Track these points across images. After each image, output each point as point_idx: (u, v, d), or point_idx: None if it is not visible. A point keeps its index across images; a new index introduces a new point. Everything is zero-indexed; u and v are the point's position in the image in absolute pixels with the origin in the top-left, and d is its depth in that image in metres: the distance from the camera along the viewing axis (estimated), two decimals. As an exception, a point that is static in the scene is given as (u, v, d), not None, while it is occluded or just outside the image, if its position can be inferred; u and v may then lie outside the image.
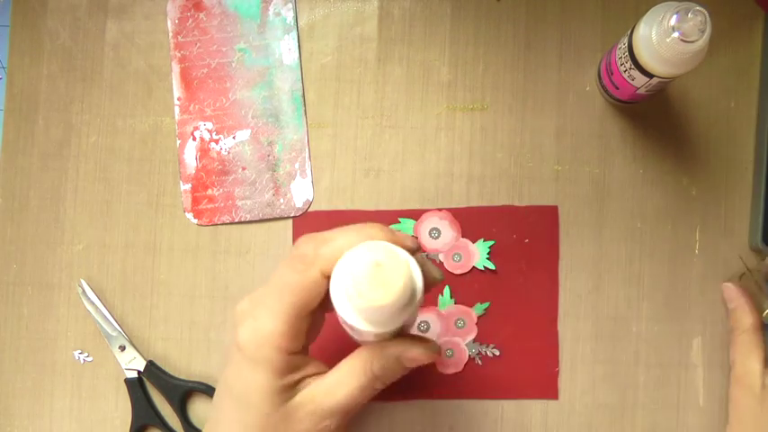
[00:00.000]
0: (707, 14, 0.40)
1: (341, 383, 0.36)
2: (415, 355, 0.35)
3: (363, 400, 0.37)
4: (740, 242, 0.53)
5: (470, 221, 0.53)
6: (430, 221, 0.53)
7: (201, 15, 0.54)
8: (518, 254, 0.53)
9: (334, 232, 0.35)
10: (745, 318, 0.49)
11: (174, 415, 0.52)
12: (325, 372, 0.38)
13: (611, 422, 0.52)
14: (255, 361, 0.35)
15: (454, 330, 0.52)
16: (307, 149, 0.54)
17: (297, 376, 0.36)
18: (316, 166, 0.54)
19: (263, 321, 0.35)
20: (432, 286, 0.37)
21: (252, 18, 0.54)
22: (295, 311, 0.35)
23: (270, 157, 0.53)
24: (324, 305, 0.36)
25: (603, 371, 0.52)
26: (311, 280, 0.35)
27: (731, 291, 0.51)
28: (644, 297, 0.53)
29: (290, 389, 0.36)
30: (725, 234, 0.53)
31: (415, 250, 0.36)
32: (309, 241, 0.35)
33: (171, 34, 0.54)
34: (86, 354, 0.53)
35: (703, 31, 0.41)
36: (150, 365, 0.52)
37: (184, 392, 0.52)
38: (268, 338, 0.35)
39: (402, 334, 0.37)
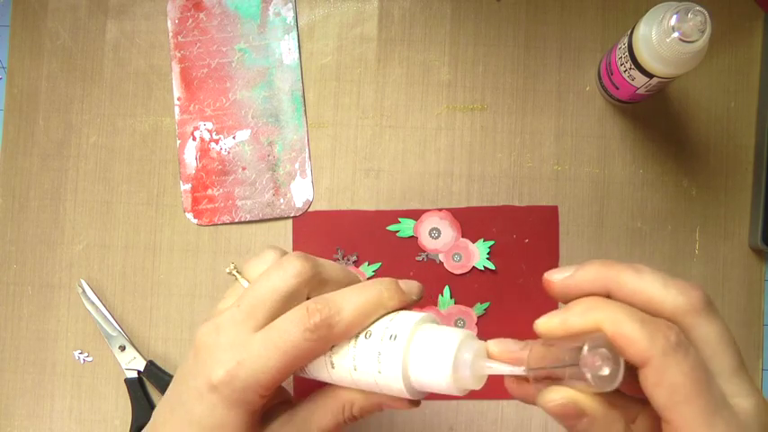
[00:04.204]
0: (707, 14, 0.40)
1: (316, 421, 0.35)
2: (398, 406, 0.35)
3: None
4: (740, 242, 0.53)
5: (470, 221, 0.53)
6: (430, 221, 0.53)
7: (201, 15, 0.54)
8: (518, 254, 0.53)
9: (344, 295, 0.34)
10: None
11: (174, 415, 0.52)
12: (289, 399, 0.37)
13: (611, 422, 0.52)
14: (234, 402, 0.33)
15: (454, 330, 0.52)
16: (307, 149, 0.54)
17: (267, 406, 0.36)
18: (316, 166, 0.54)
19: (253, 372, 0.33)
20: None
21: (252, 18, 0.54)
22: (292, 371, 0.34)
23: (270, 157, 0.53)
24: None
25: (603, 371, 0.52)
26: (321, 351, 0.34)
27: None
28: (644, 297, 0.53)
29: (261, 421, 0.35)
30: (725, 234, 0.53)
31: (421, 297, 0.37)
32: (319, 302, 0.34)
33: (171, 34, 0.54)
34: (86, 354, 0.53)
35: (703, 32, 0.41)
36: (150, 365, 0.52)
37: (184, 392, 0.52)
38: (254, 387, 0.33)
39: None
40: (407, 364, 0.32)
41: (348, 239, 0.53)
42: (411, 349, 0.32)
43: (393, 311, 0.34)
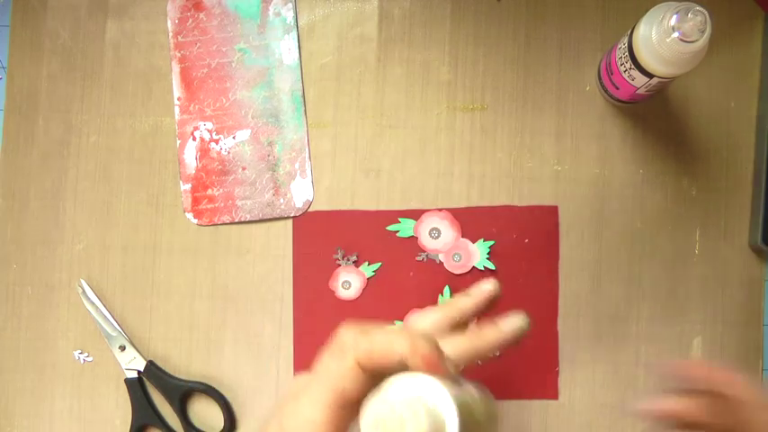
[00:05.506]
0: (707, 14, 0.40)
1: None
2: None
3: None
4: (740, 242, 0.53)
5: (470, 221, 0.53)
6: (430, 221, 0.53)
7: (201, 15, 0.54)
8: (518, 254, 0.53)
9: (377, 327, 0.35)
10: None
11: (174, 415, 0.52)
12: None
13: (611, 422, 0.52)
14: None
15: (454, 330, 0.52)
16: (307, 149, 0.54)
17: None
18: (316, 166, 0.54)
19: (305, 407, 0.34)
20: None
21: (252, 18, 0.54)
22: (335, 400, 0.34)
23: (270, 157, 0.53)
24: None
25: (603, 371, 0.52)
26: (348, 367, 0.34)
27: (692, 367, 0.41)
28: (644, 297, 0.53)
29: None
30: (725, 234, 0.53)
31: (458, 379, 0.36)
32: (350, 331, 0.34)
33: (171, 34, 0.54)
34: (86, 354, 0.53)
35: (703, 31, 0.41)
36: (150, 365, 0.52)
37: (184, 392, 0.52)
38: (308, 425, 0.34)
39: None
40: None
41: (348, 239, 0.53)
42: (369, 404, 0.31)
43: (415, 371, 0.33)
